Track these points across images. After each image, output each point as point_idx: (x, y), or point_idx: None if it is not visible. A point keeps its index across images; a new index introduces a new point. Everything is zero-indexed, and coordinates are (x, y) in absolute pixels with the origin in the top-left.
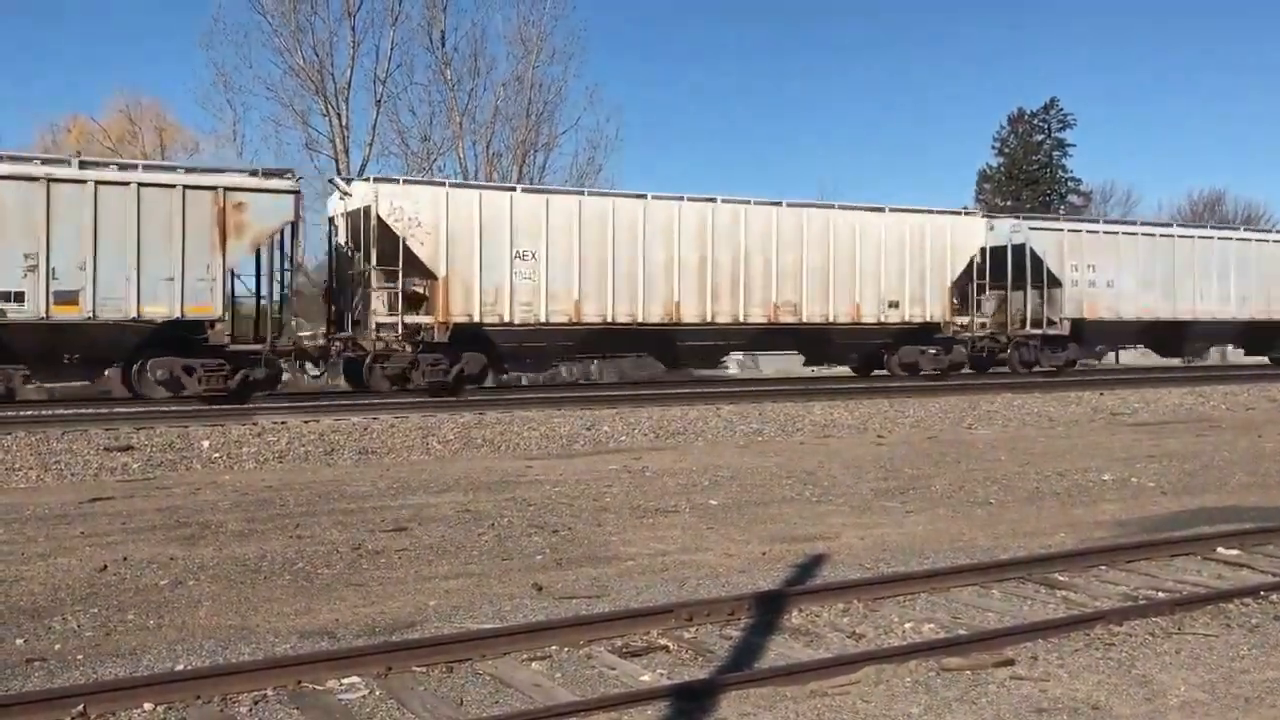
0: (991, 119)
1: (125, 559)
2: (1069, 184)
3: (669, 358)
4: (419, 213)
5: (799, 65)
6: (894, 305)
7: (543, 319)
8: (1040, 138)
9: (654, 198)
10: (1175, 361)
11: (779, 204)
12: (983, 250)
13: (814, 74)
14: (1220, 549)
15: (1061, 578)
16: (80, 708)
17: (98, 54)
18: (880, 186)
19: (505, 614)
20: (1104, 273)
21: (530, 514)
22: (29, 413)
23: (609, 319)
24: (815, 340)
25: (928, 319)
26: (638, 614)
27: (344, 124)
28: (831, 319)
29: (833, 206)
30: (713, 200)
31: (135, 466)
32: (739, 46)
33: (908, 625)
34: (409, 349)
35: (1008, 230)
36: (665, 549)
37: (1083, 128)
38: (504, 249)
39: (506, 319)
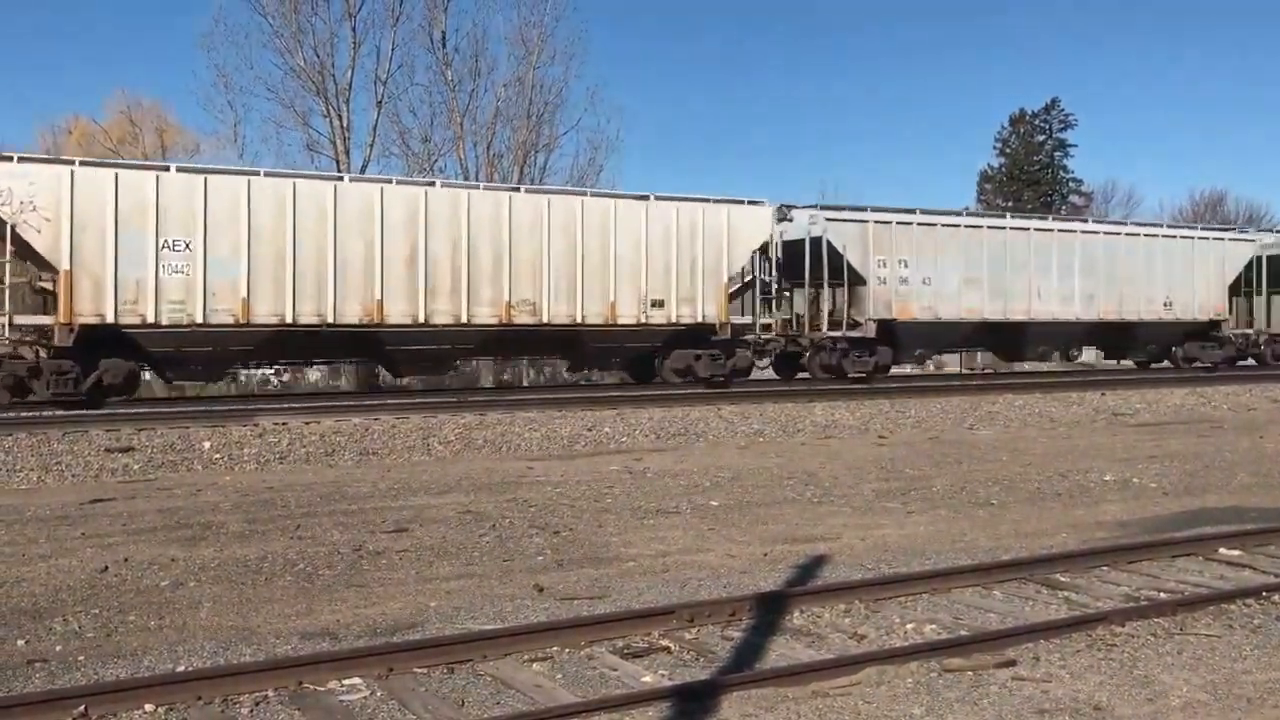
0: (992, 119)
1: (126, 560)
2: (1070, 184)
3: (387, 363)
4: (34, 195)
5: (800, 66)
6: (659, 304)
7: (199, 319)
8: (1041, 138)
9: (351, 180)
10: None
11: (517, 189)
12: (774, 244)
13: (814, 75)
14: (1222, 550)
15: (1063, 578)
16: (81, 709)
17: (98, 54)
18: (881, 187)
19: (506, 615)
20: (919, 269)
21: (531, 515)
22: (30, 414)
23: (289, 320)
24: (565, 344)
25: (701, 319)
26: (639, 615)
27: (345, 125)
28: (581, 320)
29: (585, 194)
30: (431, 184)
31: (136, 467)
32: (740, 47)
33: (909, 626)
34: (43, 354)
35: (806, 222)
36: (666, 550)
37: (1084, 128)
38: (148, 238)
39: (151, 319)
